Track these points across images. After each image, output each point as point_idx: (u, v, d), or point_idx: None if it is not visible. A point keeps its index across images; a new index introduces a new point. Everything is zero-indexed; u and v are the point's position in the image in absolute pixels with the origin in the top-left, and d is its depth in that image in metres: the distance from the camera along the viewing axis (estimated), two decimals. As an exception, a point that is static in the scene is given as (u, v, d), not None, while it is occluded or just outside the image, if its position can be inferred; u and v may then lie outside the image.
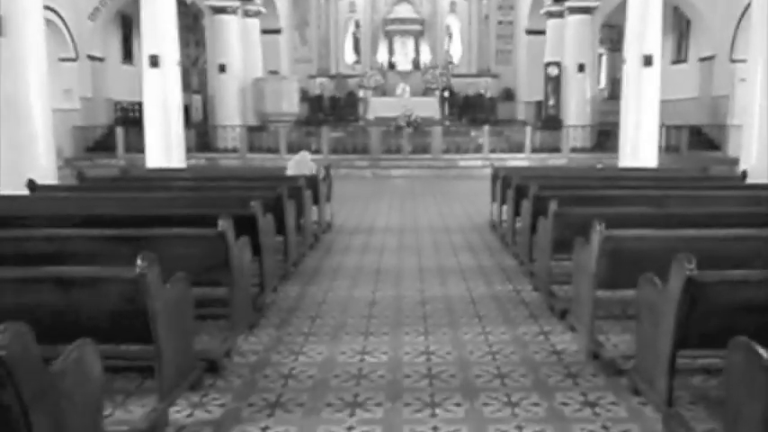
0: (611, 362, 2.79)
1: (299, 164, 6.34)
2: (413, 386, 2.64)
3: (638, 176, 6.07)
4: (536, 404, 2.48)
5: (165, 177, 6.34)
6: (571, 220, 3.50)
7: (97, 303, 2.22)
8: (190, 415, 2.40)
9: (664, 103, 12.30)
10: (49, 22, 10.02)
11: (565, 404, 2.47)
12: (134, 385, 2.61)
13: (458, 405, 2.47)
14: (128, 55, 14.72)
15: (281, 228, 4.31)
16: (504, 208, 5.74)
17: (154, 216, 3.49)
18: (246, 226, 3.47)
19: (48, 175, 6.06)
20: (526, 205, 4.50)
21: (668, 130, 12.57)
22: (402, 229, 6.52)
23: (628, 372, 2.63)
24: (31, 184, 4.91)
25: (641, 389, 2.49)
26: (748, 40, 6.63)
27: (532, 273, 4.29)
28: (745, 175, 5.64)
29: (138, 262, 2.19)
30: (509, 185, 5.30)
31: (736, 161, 8.47)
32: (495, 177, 6.38)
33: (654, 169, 7.39)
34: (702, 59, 13.24)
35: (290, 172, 6.25)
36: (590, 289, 2.96)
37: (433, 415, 2.39)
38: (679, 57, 14.40)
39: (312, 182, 5.74)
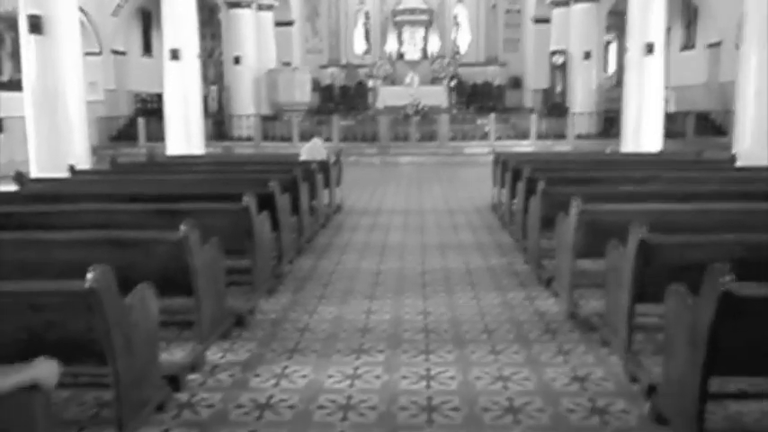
0: (585, 320, 3.18)
1: (312, 150, 6.76)
2: (411, 338, 3.08)
3: (632, 160, 6.38)
4: (516, 352, 2.89)
5: (188, 162, 6.83)
6: (557, 198, 3.86)
7: (148, 261, 2.68)
8: (222, 357, 2.87)
9: (673, 89, 12.42)
10: (76, 19, 10.53)
11: (541, 353, 2.88)
12: (174, 335, 3.09)
13: (448, 352, 2.89)
14: (147, 48, 15.26)
15: (295, 208, 4.76)
16: (504, 191, 6.10)
17: (185, 194, 3.95)
18: (266, 204, 3.91)
19: (82, 160, 6.60)
20: (521, 186, 4.86)
21: (675, 115, 12.71)
22: (407, 211, 6.93)
23: (599, 328, 3.03)
24: (72, 168, 5.44)
25: (608, 340, 2.89)
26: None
27: (525, 248, 4.67)
28: (734, 158, 5.91)
29: (182, 227, 2.64)
30: (507, 169, 5.66)
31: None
32: (495, 162, 6.74)
33: (651, 154, 7.66)
34: (710, 46, 13.27)
35: (303, 157, 6.68)
36: (569, 256, 3.35)
37: (427, 359, 2.82)
38: (687, 43, 14.43)
39: (324, 166, 6.16)
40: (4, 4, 10.41)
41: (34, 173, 6.55)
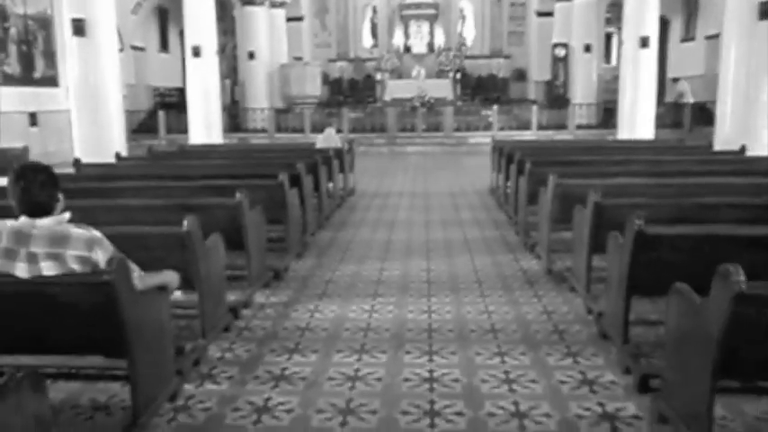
0: (559, 274, 3.89)
1: (327, 138, 7.47)
2: (417, 287, 3.81)
3: (616, 146, 7.04)
4: (500, 296, 3.61)
5: (214, 150, 7.58)
6: (541, 177, 4.53)
7: (210, 222, 3.41)
8: (266, 299, 3.62)
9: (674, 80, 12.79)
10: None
11: (521, 296, 3.60)
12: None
13: (446, 296, 3.62)
14: (164, 44, 16.01)
15: (315, 188, 5.48)
16: (501, 175, 6.78)
17: (223, 174, 4.70)
18: (293, 183, 4.63)
19: (121, 148, 7.36)
20: (513, 169, 5.54)
21: (674, 105, 13.23)
22: (414, 194, 7.65)
23: (568, 278, 3.73)
24: (118, 155, 6.21)
25: (574, 285, 3.59)
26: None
27: (516, 222, 5.36)
28: (711, 143, 6.52)
29: (237, 194, 3.38)
30: (503, 155, 6.33)
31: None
32: (494, 149, 7.41)
33: (638, 141, 8.29)
34: (708, 37, 13.66)
35: (319, 145, 7.40)
36: (548, 223, 4.04)
37: (429, 301, 3.55)
38: (687, 35, 14.82)
39: (339, 153, 6.87)
40: (36, 4, 11.19)
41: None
